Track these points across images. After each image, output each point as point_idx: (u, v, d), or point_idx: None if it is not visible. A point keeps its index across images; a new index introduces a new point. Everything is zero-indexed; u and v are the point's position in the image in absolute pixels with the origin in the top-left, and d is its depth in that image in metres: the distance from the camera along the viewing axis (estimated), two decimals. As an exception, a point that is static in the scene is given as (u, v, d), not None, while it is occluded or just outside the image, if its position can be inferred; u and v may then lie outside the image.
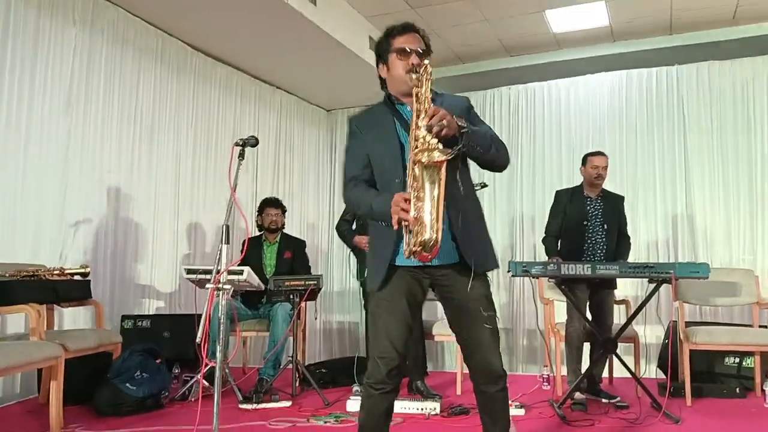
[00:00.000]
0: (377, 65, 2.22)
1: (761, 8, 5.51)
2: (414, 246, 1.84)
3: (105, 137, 4.60)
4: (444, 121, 1.86)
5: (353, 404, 3.77)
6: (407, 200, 1.86)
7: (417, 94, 1.98)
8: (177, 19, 4.94)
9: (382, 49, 2.19)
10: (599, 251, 4.23)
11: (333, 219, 7.08)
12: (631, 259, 4.46)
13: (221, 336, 2.36)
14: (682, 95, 5.88)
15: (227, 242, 2.32)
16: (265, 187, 6.22)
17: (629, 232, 4.42)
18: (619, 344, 4.08)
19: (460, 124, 1.93)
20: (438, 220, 1.82)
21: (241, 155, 2.55)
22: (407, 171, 1.93)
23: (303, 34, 5.16)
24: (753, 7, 5.49)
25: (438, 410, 3.64)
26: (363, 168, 2.15)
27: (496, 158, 2.09)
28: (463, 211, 2.06)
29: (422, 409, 3.66)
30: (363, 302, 4.30)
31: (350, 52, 5.56)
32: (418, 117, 1.94)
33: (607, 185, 4.51)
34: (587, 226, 4.24)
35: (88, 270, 3.80)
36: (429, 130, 1.86)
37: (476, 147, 2.00)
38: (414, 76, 2.01)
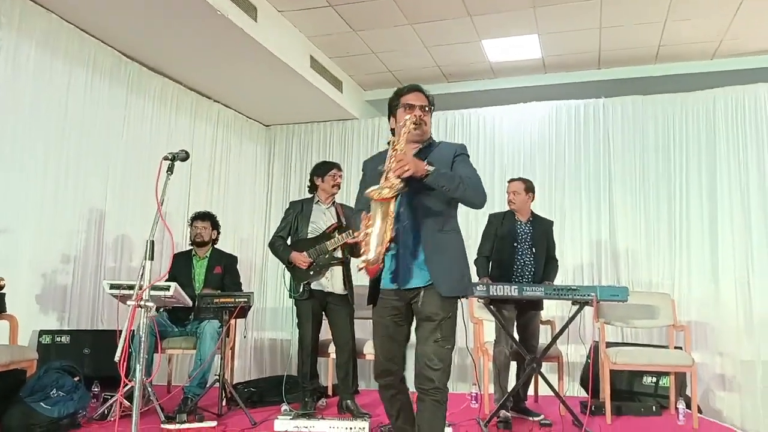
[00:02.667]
0: (389, 118, 2.57)
1: (681, 49, 5.87)
2: (365, 261, 2.18)
3: (32, 144, 4.40)
4: (406, 166, 2.16)
5: (281, 424, 3.69)
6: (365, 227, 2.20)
7: (393, 144, 2.32)
8: (111, 26, 4.81)
9: (392, 105, 2.53)
10: (527, 273, 4.32)
11: (268, 235, 7.00)
12: (557, 281, 4.58)
13: (141, 354, 2.28)
14: (608, 127, 6.14)
15: (152, 258, 2.25)
16: (198, 201, 6.08)
17: (557, 256, 4.55)
18: (543, 363, 4.18)
19: (426, 168, 2.22)
20: (381, 244, 2.14)
21: (170, 169, 2.49)
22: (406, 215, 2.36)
23: (242, 49, 5.11)
24: (674, 47, 5.83)
25: (367, 429, 3.62)
26: (363, 201, 2.40)
27: (464, 196, 2.35)
28: (436, 243, 2.34)
29: (351, 429, 3.64)
30: (296, 320, 4.25)
31: (291, 69, 5.55)
32: (389, 161, 2.25)
33: (536, 210, 4.62)
34: (517, 248, 4.33)
35: (2, 283, 3.60)
36: (393, 171, 2.19)
37: (441, 186, 2.27)
38: (412, 126, 2.35)
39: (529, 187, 4.46)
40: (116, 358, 2.03)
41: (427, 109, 2.47)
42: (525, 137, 6.37)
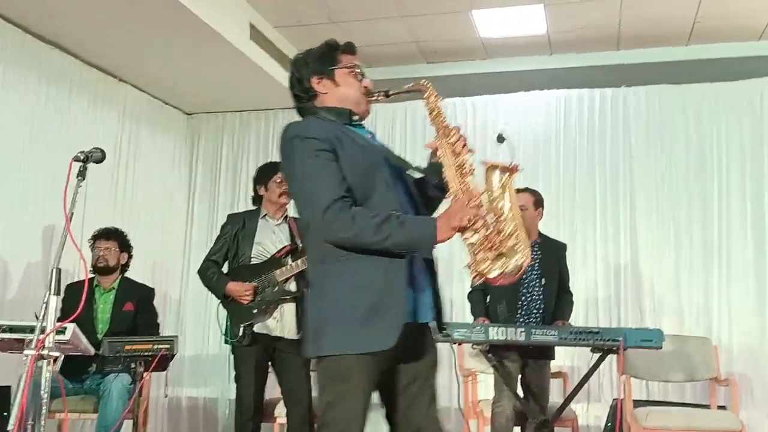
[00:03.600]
0: (308, 78, 2.43)
1: (721, 26, 5.97)
2: (501, 267, 2.10)
3: None
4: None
5: None
6: (478, 205, 2.13)
7: (434, 114, 2.34)
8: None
9: (320, 62, 2.43)
10: (535, 311, 4.35)
11: (188, 257, 6.93)
12: (571, 320, 4.60)
13: (41, 420, 2.15)
14: (629, 122, 6.23)
15: (57, 291, 2.14)
16: (98, 213, 5.91)
17: (571, 288, 4.58)
18: (555, 427, 4.18)
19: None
20: (525, 241, 2.14)
21: (81, 174, 2.42)
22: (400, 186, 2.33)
23: (159, 12, 5.01)
24: (712, 24, 5.94)
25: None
26: (345, 187, 2.20)
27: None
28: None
29: None
30: (233, 373, 4.19)
31: (223, 40, 5.47)
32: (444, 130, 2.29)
33: (541, 228, 4.64)
34: (522, 279, 4.33)
35: None
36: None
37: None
38: (376, 98, 2.41)
39: (539, 201, 4.49)
40: (10, 427, 1.91)
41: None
42: (525, 134, 6.41)
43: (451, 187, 2.22)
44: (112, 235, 4.77)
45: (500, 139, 2.31)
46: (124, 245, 4.80)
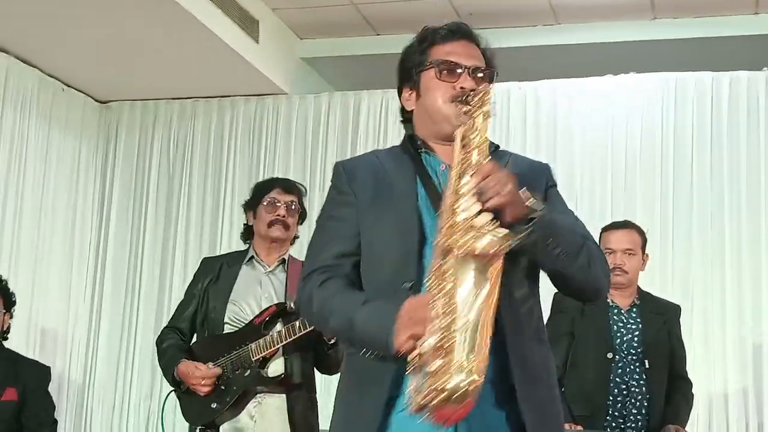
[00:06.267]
0: (400, 89, 2.51)
1: None
2: (429, 395, 1.96)
3: None
4: (501, 188, 2.07)
5: None
6: (425, 310, 2.05)
7: (463, 137, 2.22)
8: None
9: (409, 63, 2.47)
10: (635, 412, 4.34)
11: (100, 318, 7.05)
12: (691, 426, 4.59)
13: None
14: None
15: None
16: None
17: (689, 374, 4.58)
18: None
19: (529, 203, 2.15)
20: (480, 351, 2.00)
21: None
22: (427, 267, 2.17)
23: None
24: None
25: None
26: (346, 252, 2.36)
27: (585, 276, 2.31)
28: (527, 358, 2.26)
29: None
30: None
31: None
32: (459, 176, 2.15)
33: (645, 283, 4.62)
34: (613, 361, 4.38)
35: None
36: (479, 197, 2.09)
37: (556, 248, 2.22)
38: (463, 108, 2.25)
39: (645, 241, 4.53)
40: None
41: (484, 74, 2.42)
42: (614, 139, 6.43)
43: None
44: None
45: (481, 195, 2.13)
46: (8, 302, 4.79)
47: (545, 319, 4.48)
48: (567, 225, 2.31)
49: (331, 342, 3.89)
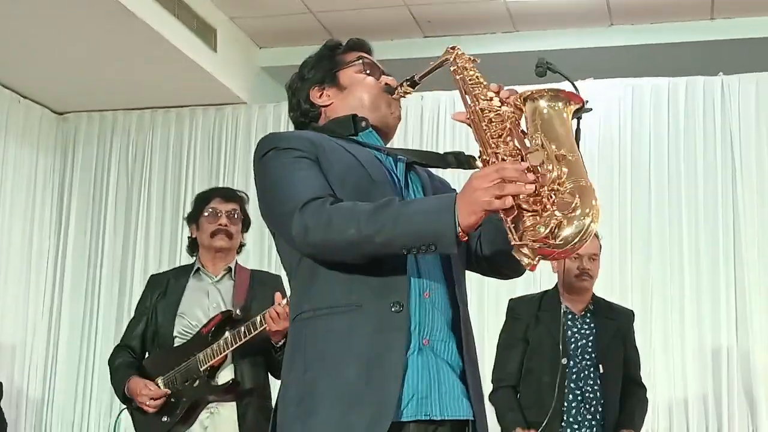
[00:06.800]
0: (306, 94, 2.58)
1: None
2: (551, 235, 1.97)
3: None
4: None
5: None
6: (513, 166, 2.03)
7: (463, 79, 2.34)
8: None
9: (317, 69, 2.59)
10: (589, 417, 4.37)
11: (58, 333, 7.00)
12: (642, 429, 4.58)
13: None
14: (730, 126, 6.24)
15: None
16: None
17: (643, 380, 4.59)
18: None
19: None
20: (593, 192, 2.07)
21: None
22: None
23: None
24: None
25: None
26: (328, 189, 2.28)
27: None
28: (471, 341, 2.37)
29: None
30: None
31: (115, 2, 5.51)
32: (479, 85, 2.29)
33: (601, 289, 4.65)
34: (568, 367, 4.40)
35: None
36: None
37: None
38: (400, 93, 2.49)
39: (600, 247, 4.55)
40: None
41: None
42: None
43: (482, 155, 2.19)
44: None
45: (541, 70, 2.18)
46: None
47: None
48: None
49: (279, 345, 3.84)
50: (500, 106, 2.21)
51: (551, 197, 2.00)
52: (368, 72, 2.58)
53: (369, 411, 2.13)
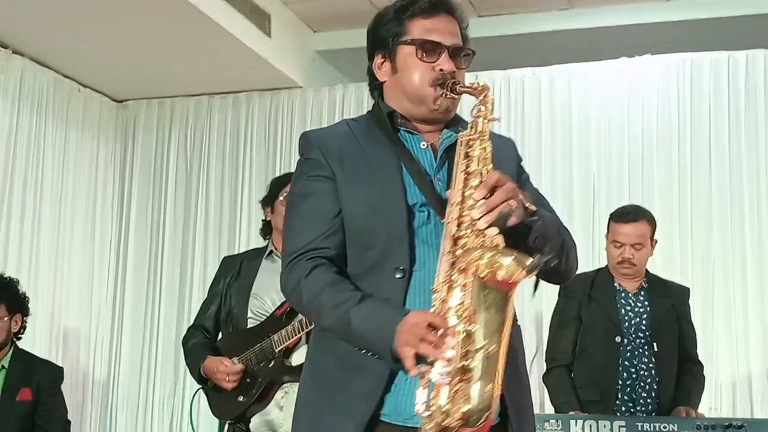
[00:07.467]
0: (371, 55, 2.46)
1: None
2: (449, 416, 1.99)
3: None
4: (513, 202, 2.09)
5: None
6: (435, 328, 2.02)
7: (468, 143, 2.23)
8: None
9: (385, 32, 2.42)
10: (645, 395, 4.36)
11: (122, 317, 7.11)
12: (704, 407, 4.56)
13: None
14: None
15: None
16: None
17: (701, 357, 4.56)
18: None
19: (527, 204, 2.15)
20: (497, 375, 2.02)
21: None
22: (439, 266, 2.15)
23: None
24: None
25: None
26: (329, 233, 2.31)
27: (562, 268, 2.34)
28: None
29: None
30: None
31: None
32: (465, 184, 2.17)
33: (658, 266, 4.63)
34: (622, 345, 4.40)
35: None
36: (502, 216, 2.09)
37: (542, 246, 2.19)
38: (443, 95, 2.30)
39: (655, 228, 4.50)
40: None
41: (466, 54, 2.43)
42: (630, 122, 6.41)
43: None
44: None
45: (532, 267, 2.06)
46: (14, 303, 4.82)
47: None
48: (554, 223, 2.32)
49: None
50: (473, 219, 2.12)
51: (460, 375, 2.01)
52: (423, 56, 2.35)
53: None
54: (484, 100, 2.23)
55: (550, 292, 4.62)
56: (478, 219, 2.08)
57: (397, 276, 2.23)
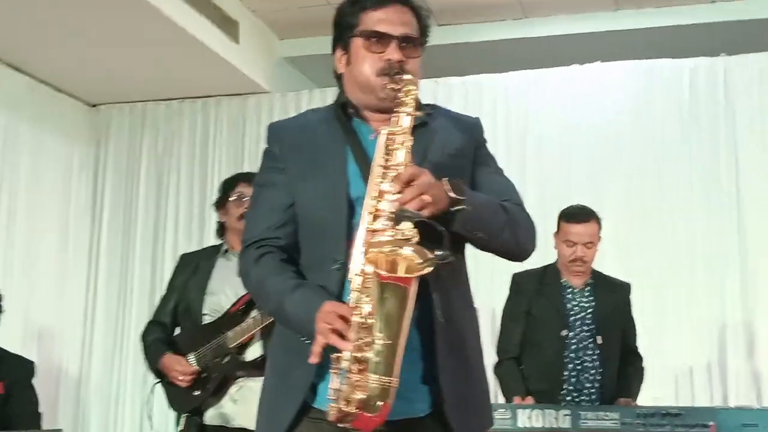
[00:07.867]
0: (334, 49, 2.45)
1: None
2: (348, 403, 2.02)
3: None
4: (426, 197, 2.06)
5: None
6: (345, 319, 2.04)
7: (388, 137, 2.20)
8: None
9: (342, 24, 2.41)
10: (588, 386, 4.50)
11: (94, 315, 7.13)
12: (644, 397, 4.66)
13: None
14: (732, 107, 6.30)
15: None
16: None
17: (640, 349, 4.70)
18: None
19: (452, 195, 2.12)
20: (395, 366, 2.01)
21: None
22: (353, 257, 2.15)
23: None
24: None
25: None
26: (280, 224, 2.35)
27: (508, 245, 2.32)
28: (456, 334, 2.26)
29: None
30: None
31: (144, 3, 5.65)
32: (385, 167, 2.16)
33: (605, 264, 4.78)
34: (568, 338, 4.54)
35: None
36: (398, 215, 2.06)
37: (477, 232, 2.21)
38: (389, 84, 2.25)
39: (601, 227, 4.64)
40: None
41: (417, 43, 2.38)
42: (582, 126, 6.52)
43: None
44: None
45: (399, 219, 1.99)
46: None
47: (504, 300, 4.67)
48: (489, 207, 2.26)
49: None
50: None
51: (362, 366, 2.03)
52: (371, 47, 2.32)
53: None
54: (407, 93, 2.22)
55: (503, 288, 4.80)
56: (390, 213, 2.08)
57: (333, 267, 2.21)
